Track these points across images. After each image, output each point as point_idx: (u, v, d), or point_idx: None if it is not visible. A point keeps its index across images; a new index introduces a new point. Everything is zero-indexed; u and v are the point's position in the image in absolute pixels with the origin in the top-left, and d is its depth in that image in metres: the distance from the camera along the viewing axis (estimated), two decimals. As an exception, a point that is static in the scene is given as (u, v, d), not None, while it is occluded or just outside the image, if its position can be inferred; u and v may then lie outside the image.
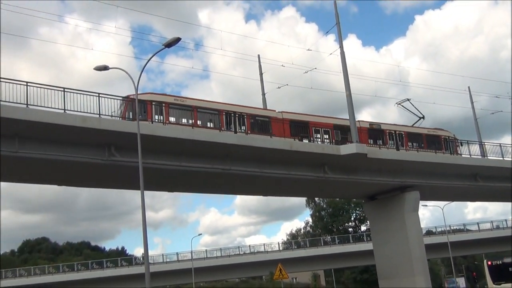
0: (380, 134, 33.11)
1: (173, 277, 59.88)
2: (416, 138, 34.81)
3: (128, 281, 58.98)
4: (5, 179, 29.97)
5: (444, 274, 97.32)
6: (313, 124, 30.79)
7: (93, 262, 68.01)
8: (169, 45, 19.96)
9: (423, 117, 36.76)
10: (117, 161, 23.51)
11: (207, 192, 38.50)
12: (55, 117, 21.50)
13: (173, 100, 26.41)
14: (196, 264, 58.14)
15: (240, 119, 28.25)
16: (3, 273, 64.27)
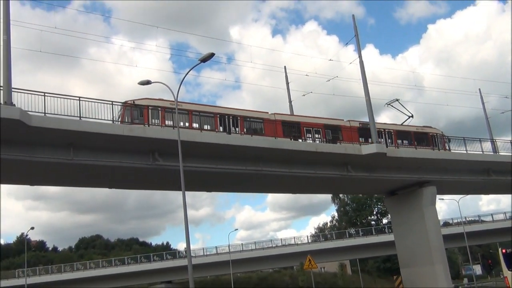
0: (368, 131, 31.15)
1: (212, 269, 60.13)
2: (405, 135, 33.61)
3: (172, 273, 59.49)
4: (61, 183, 30.75)
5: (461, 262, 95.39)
6: (304, 125, 29.61)
7: (141, 256, 68.73)
8: (204, 60, 20.10)
9: (412, 116, 35.59)
10: (161, 165, 23.82)
11: (241, 191, 38.64)
12: (104, 127, 21.94)
13: (169, 105, 25.09)
14: (233, 257, 58.25)
15: (234, 121, 27.25)
16: (63, 267, 65.46)
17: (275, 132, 27.70)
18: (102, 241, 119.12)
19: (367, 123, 31.30)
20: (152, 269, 60.79)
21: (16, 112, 18.86)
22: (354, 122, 31.89)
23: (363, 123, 31.98)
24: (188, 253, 20.54)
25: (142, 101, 24.84)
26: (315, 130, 29.99)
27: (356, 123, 31.83)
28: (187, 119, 25.77)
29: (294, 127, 29.21)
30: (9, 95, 19.30)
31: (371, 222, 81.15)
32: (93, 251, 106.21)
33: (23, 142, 20.59)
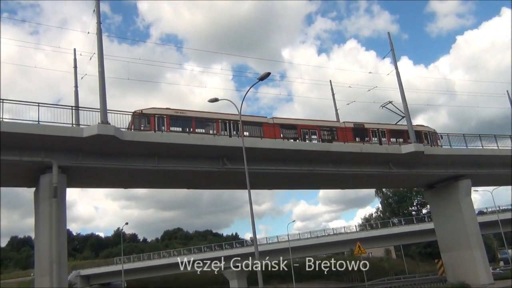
0: (364, 132, 29.91)
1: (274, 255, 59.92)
2: (397, 134, 31.15)
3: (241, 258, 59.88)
4: (148, 186, 31.69)
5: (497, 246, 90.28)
6: (301, 127, 27.43)
7: (215, 245, 69.69)
8: (262, 79, 20.11)
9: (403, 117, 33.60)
10: (229, 168, 24.08)
11: (297, 188, 38.34)
12: (182, 138, 22.48)
13: (174, 113, 24.05)
14: (292, 244, 58.01)
15: (234, 125, 25.31)
16: (151, 255, 67.32)
17: (274, 134, 26.14)
18: (182, 233, 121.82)
19: (359, 124, 30.03)
20: (224, 255, 61.45)
21: (111, 129, 19.67)
22: (349, 123, 29.79)
23: (357, 123, 30.19)
24: (255, 241, 20.62)
25: (149, 110, 23.66)
26: (312, 131, 27.85)
27: (350, 124, 29.83)
28: (190, 125, 24.25)
29: (292, 129, 27.24)
30: (105, 116, 20.18)
31: (412, 213, 78.35)
32: (175, 241, 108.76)
33: (118, 154, 21.45)
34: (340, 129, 28.66)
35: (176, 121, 23.81)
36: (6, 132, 17.95)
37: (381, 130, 30.18)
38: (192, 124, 24.05)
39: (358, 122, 30.57)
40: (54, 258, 18.68)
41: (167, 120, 23.27)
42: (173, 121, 23.68)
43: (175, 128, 23.79)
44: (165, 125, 23.24)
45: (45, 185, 19.68)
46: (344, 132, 28.40)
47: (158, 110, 23.67)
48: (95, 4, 22.32)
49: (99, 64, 21.20)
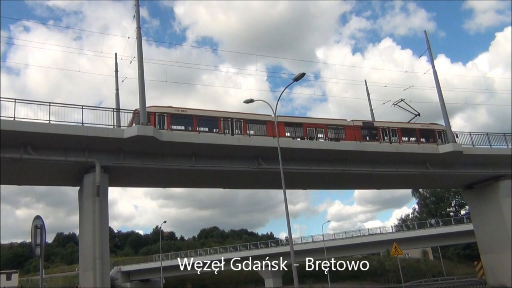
0: (374, 130, 28.64)
1: (309, 254, 59.72)
2: (409, 132, 29.66)
3: (275, 257, 59.89)
4: (186, 185, 32.17)
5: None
6: (307, 125, 26.23)
7: (250, 243, 70.03)
8: (297, 79, 20.07)
9: (418, 114, 31.59)
10: (264, 168, 24.16)
11: (332, 188, 38.10)
12: (218, 139, 22.74)
13: (175, 111, 23.32)
14: (327, 244, 57.54)
15: (237, 123, 24.59)
16: (189, 253, 68.31)
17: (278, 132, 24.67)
18: (218, 231, 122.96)
19: (369, 122, 29.03)
20: (259, 254, 61.68)
21: (150, 130, 20.16)
22: (358, 122, 28.47)
23: (366, 122, 29.12)
24: (290, 241, 20.55)
25: (150, 108, 22.80)
26: (318, 130, 26.73)
27: (359, 122, 28.46)
28: (192, 123, 23.49)
29: (297, 127, 26.02)
30: (144, 117, 20.69)
31: (450, 213, 76.11)
32: (211, 240, 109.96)
33: (156, 154, 21.95)
34: (348, 128, 27.52)
35: (177, 119, 23.22)
36: (52, 133, 18.74)
37: (392, 128, 28.98)
38: (194, 122, 23.40)
39: (367, 120, 29.62)
40: (97, 254, 19.30)
41: (167, 119, 22.72)
42: (174, 119, 23.08)
43: (176, 126, 23.20)
44: (166, 123, 22.67)
45: (89, 184, 20.38)
46: (353, 130, 27.40)
47: (159, 109, 23.14)
48: (135, 10, 22.93)
49: (139, 67, 21.75)
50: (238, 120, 24.47)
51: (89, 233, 19.76)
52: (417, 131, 29.50)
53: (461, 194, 49.68)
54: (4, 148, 18.58)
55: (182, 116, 22.64)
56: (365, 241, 59.74)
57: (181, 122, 23.11)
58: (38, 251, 9.56)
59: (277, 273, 62.80)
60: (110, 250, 21.44)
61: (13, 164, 19.55)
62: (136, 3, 23.10)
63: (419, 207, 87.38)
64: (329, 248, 57.01)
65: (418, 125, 30.04)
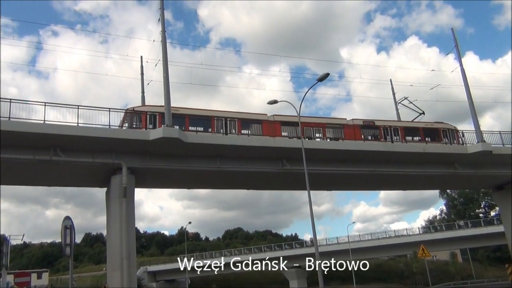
0: (375, 129, 27.57)
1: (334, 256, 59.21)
2: (413, 132, 28.62)
3: (300, 258, 59.63)
4: (210, 187, 32.39)
5: None
6: (304, 125, 25.09)
7: (275, 245, 69.94)
8: (321, 80, 19.93)
9: (423, 113, 30.53)
10: (288, 169, 24.06)
11: (357, 189, 37.64)
12: (242, 140, 22.79)
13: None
14: (352, 246, 57.00)
15: (231, 123, 23.92)
16: (214, 254, 68.71)
17: (274, 132, 24.49)
18: (242, 232, 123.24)
19: (370, 121, 27.95)
20: (283, 255, 61.54)
21: (175, 132, 20.36)
22: (358, 121, 27.51)
23: (367, 121, 28.13)
24: (315, 242, 20.45)
25: (142, 107, 22.90)
26: (316, 129, 25.88)
27: (359, 121, 27.48)
28: (184, 123, 22.94)
29: (294, 127, 24.94)
30: (169, 119, 20.89)
31: (480, 215, 74.25)
32: (236, 241, 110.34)
33: (181, 155, 22.13)
34: (348, 127, 26.71)
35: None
36: (81, 136, 19.15)
37: (394, 127, 28.09)
38: (186, 121, 23.01)
39: (368, 119, 28.63)
40: (124, 254, 19.57)
41: (159, 118, 22.24)
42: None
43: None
44: (157, 123, 22.21)
45: (116, 185, 20.70)
46: (352, 130, 26.61)
47: (151, 108, 22.76)
48: (160, 14, 23.22)
49: (164, 70, 22.00)
50: (233, 119, 23.92)
51: (116, 234, 20.07)
52: (421, 130, 28.55)
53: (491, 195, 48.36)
54: (35, 150, 19.07)
55: (174, 115, 22.00)
56: (391, 242, 58.89)
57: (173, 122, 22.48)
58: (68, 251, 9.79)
59: (302, 274, 62.49)
60: (137, 251, 21.73)
61: (43, 166, 20.05)
62: (161, 7, 23.39)
63: (447, 208, 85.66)
64: (354, 249, 56.44)
65: (422, 124, 29.01)
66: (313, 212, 19.68)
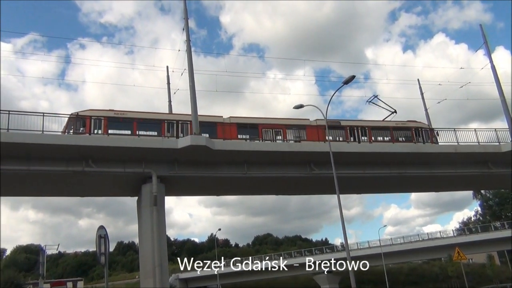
0: (340, 129, 26.30)
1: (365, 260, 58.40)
2: (382, 131, 27.19)
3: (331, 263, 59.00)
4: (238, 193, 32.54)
5: None
6: (263, 126, 24.49)
7: (305, 250, 69.48)
8: (346, 82, 19.81)
9: (395, 111, 28.71)
10: (316, 173, 23.93)
11: (387, 192, 37.15)
12: (270, 146, 22.86)
13: (113, 114, 22.17)
14: (384, 250, 56.02)
15: (184, 126, 23.10)
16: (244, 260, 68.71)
17: (230, 135, 23.63)
18: (272, 238, 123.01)
19: (335, 121, 26.62)
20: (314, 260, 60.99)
21: (203, 140, 20.60)
22: (322, 121, 25.74)
23: (332, 121, 26.53)
24: (346, 246, 20.26)
25: (87, 112, 21.90)
26: (275, 131, 24.83)
27: (323, 122, 25.54)
28: (132, 127, 22.28)
29: (252, 129, 24.22)
30: (197, 127, 21.18)
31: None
32: (265, 246, 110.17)
33: (210, 163, 22.35)
34: (311, 128, 25.63)
35: (115, 123, 22.10)
36: (111, 146, 19.62)
37: (361, 127, 26.77)
38: (134, 126, 22.21)
39: (334, 119, 27.26)
40: (156, 262, 19.87)
41: (104, 122, 21.63)
42: (112, 123, 21.96)
43: (114, 130, 22.05)
44: (102, 127, 21.56)
45: (146, 194, 21.08)
46: (316, 130, 25.55)
47: (96, 112, 22.08)
48: (184, 24, 23.62)
49: (189, 79, 22.33)
50: (185, 122, 23.12)
51: (148, 242, 20.41)
52: (391, 130, 27.34)
53: (528, 195, 46.82)
54: (67, 162, 19.67)
55: (121, 119, 21.80)
56: (425, 246, 57.56)
57: (120, 126, 22.20)
58: (103, 260, 10.02)
59: (333, 279, 61.78)
60: (168, 258, 22.00)
61: (76, 177, 20.61)
62: (185, 17, 23.79)
63: (481, 209, 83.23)
64: (386, 253, 55.48)
65: (392, 123, 27.73)
66: (343, 216, 19.50)
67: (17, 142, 18.19)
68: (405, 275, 68.54)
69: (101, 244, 10.07)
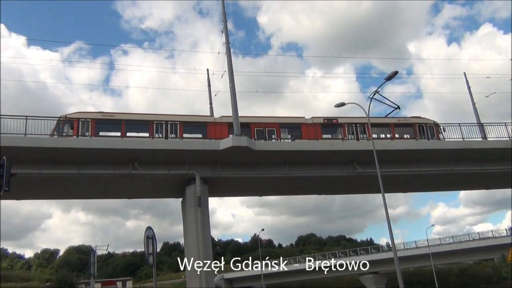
0: (337, 127, 25.41)
1: (413, 261, 56.92)
2: (382, 128, 25.99)
3: (378, 264, 57.89)
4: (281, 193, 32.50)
5: None
6: (255, 125, 23.83)
7: (349, 250, 68.51)
8: (389, 79, 19.38)
9: (398, 107, 26.50)
10: (360, 172, 23.57)
11: (434, 190, 35.89)
12: (312, 145, 22.73)
13: (101, 116, 22.10)
14: (432, 250, 54.32)
15: (172, 126, 22.83)
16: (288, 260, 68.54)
17: (221, 134, 22.99)
18: (315, 238, 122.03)
19: (332, 118, 25.46)
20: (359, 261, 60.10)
21: (244, 140, 20.76)
22: (318, 119, 25.35)
23: (328, 118, 25.65)
24: (393, 247, 19.81)
25: (75, 114, 21.86)
26: (269, 130, 24.20)
27: (320, 120, 25.30)
28: (120, 128, 22.15)
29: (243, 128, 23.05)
30: (238, 128, 21.38)
31: None
32: (309, 246, 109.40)
33: (251, 163, 22.50)
34: (306, 126, 24.74)
35: (103, 125, 22.05)
36: (156, 149, 20.17)
37: (359, 124, 25.49)
38: (122, 127, 22.14)
39: (330, 116, 26.22)
40: (202, 262, 20.22)
41: (92, 125, 21.56)
42: (100, 125, 21.89)
43: (102, 132, 22.16)
44: (90, 130, 21.53)
45: (190, 195, 21.51)
46: (312, 128, 24.63)
47: (84, 114, 22.07)
48: (223, 26, 23.90)
49: (230, 80, 22.57)
50: (174, 122, 22.95)
51: (193, 242, 20.79)
52: (392, 126, 26.08)
53: None
54: (115, 165, 20.39)
55: (109, 121, 21.86)
56: (476, 246, 55.33)
57: (108, 128, 22.24)
58: (151, 260, 10.31)
59: (380, 280, 60.59)
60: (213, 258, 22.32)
61: (123, 180, 21.32)
62: (223, 20, 24.08)
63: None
64: (435, 254, 53.76)
65: (394, 119, 26.29)
66: (389, 215, 19.07)
67: (69, 147, 19.05)
68: (455, 276, 66.27)
69: (149, 245, 10.36)
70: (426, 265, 57.34)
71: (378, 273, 60.59)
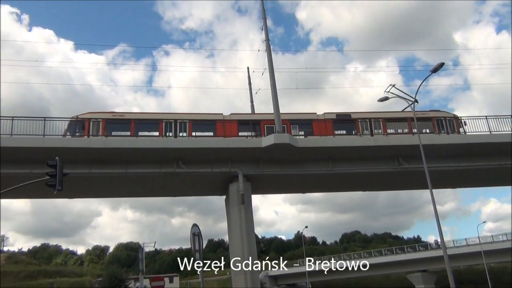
0: (351, 123, 24.35)
1: (464, 259, 54.92)
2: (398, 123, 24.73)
3: (426, 262, 56.37)
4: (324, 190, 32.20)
5: None
6: (265, 122, 23.39)
7: (396, 248, 67.07)
8: (435, 71, 18.77)
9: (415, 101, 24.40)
10: (405, 168, 23.03)
11: (486, 185, 34.42)
12: (353, 140, 22.42)
13: (111, 116, 22.40)
14: (484, 247, 52.22)
15: (182, 125, 22.69)
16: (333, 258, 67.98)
17: (230, 131, 22.96)
18: (360, 235, 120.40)
19: (345, 114, 24.44)
20: (407, 259, 58.72)
21: (286, 137, 20.77)
22: (330, 114, 24.54)
23: (341, 114, 24.65)
24: (442, 244, 19.16)
25: (86, 115, 22.26)
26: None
27: (332, 115, 24.52)
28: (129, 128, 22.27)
29: (254, 125, 23.43)
30: (279, 126, 21.40)
31: None
32: (354, 244, 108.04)
33: (293, 160, 22.47)
34: (318, 122, 24.11)
35: (113, 125, 22.30)
36: (199, 148, 20.54)
37: (374, 119, 24.41)
38: (132, 126, 22.36)
39: (343, 112, 25.23)
40: (246, 259, 20.42)
41: (103, 124, 21.96)
42: (110, 125, 22.20)
43: (113, 132, 22.33)
44: (101, 129, 21.91)
45: (234, 192, 21.76)
46: (323, 125, 23.94)
47: (95, 115, 22.44)
48: (263, 24, 23.98)
49: (270, 77, 22.65)
50: (183, 121, 22.88)
51: (238, 239, 21.03)
52: (408, 121, 24.75)
53: None
54: (160, 164, 20.96)
55: (120, 121, 22.12)
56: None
57: (118, 128, 22.41)
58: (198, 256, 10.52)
59: (429, 278, 58.95)
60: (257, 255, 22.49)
61: (168, 178, 21.86)
62: (263, 17, 24.14)
63: None
64: (487, 251, 51.65)
65: (410, 113, 25.07)
66: (437, 211, 18.51)
67: (116, 148, 19.77)
68: (510, 275, 63.42)
69: (195, 242, 10.58)
70: (477, 264, 55.23)
71: (427, 271, 58.99)
